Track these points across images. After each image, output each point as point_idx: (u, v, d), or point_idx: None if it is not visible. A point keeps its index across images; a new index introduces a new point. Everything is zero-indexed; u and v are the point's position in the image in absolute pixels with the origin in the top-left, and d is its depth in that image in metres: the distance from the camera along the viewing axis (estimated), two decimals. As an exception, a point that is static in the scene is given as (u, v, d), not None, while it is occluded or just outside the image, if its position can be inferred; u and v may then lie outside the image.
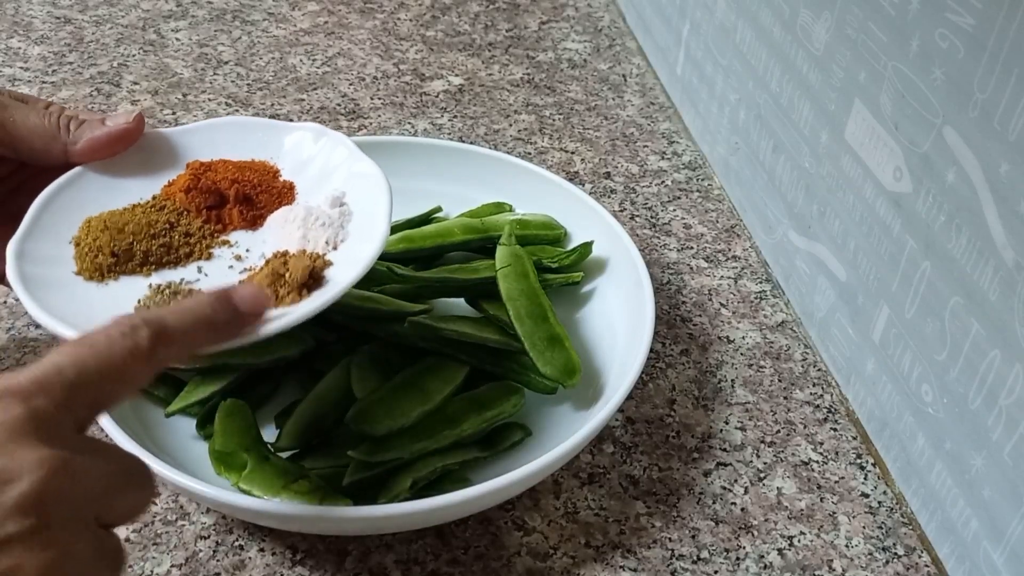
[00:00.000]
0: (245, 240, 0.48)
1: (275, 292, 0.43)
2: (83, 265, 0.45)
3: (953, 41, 0.42)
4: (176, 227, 0.47)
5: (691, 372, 0.57)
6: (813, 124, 0.56)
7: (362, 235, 0.46)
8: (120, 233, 0.45)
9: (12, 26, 0.89)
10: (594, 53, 0.90)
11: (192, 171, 0.49)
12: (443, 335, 0.51)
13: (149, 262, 0.46)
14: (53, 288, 0.43)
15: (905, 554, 0.48)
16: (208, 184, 0.48)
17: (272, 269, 0.44)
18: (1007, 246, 0.39)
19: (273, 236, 0.48)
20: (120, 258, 0.45)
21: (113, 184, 0.48)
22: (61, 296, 0.43)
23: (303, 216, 0.47)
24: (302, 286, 0.43)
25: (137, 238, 0.46)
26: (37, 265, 0.43)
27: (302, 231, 0.46)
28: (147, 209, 0.47)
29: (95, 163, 0.48)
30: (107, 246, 0.45)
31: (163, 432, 0.49)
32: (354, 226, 0.47)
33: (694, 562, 0.47)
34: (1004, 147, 0.39)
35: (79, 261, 0.45)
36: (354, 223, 0.47)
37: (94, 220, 0.46)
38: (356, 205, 0.48)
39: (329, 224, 0.47)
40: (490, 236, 0.58)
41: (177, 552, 0.46)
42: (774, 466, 0.52)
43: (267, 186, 0.49)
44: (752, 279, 0.65)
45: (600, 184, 0.72)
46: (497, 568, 0.46)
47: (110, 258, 0.45)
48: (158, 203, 0.48)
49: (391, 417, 0.48)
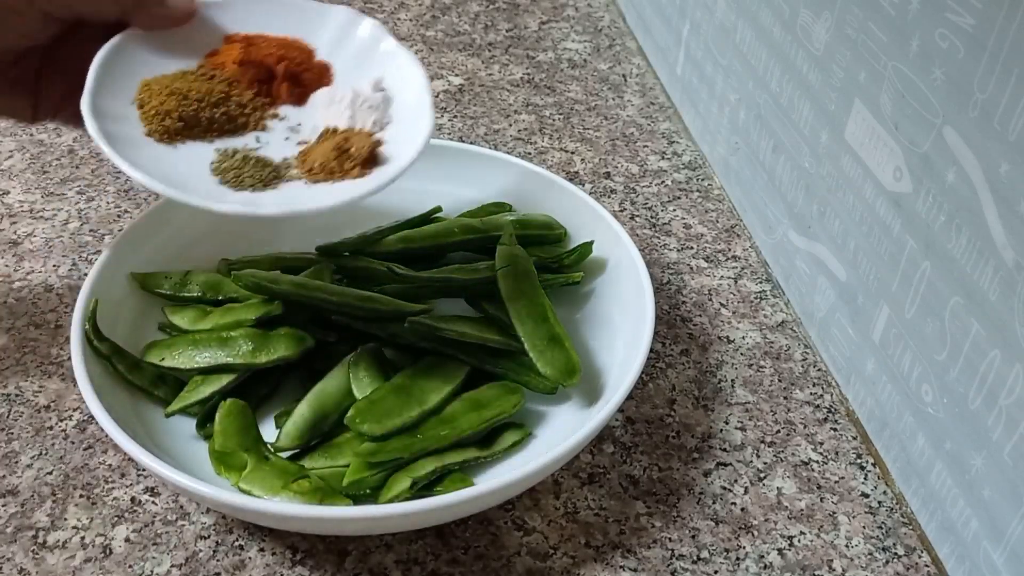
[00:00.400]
0: (293, 115, 0.49)
1: (340, 165, 0.45)
2: (152, 128, 0.46)
3: (953, 41, 0.42)
4: (231, 98, 0.48)
5: (691, 372, 0.57)
6: (813, 124, 0.56)
7: (407, 117, 0.48)
8: (185, 100, 0.47)
9: (12, 26, 0.89)
10: (594, 53, 0.90)
11: (240, 43, 0.50)
12: (443, 335, 0.51)
13: (212, 129, 0.47)
14: (131, 147, 0.44)
15: (905, 554, 0.48)
16: (259, 58, 0.49)
17: (335, 144, 0.46)
18: (1007, 246, 0.39)
19: (320, 114, 0.49)
20: (187, 123, 0.47)
21: (160, 50, 0.49)
22: (141, 155, 0.44)
23: (351, 98, 0.49)
24: (365, 161, 0.45)
25: (201, 105, 0.47)
26: (111, 123, 0.45)
27: (350, 112, 0.48)
28: (199, 77, 0.48)
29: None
30: (175, 111, 0.46)
31: (163, 432, 0.49)
32: (396, 110, 0.49)
33: (694, 562, 0.47)
34: (1004, 147, 0.39)
35: (147, 123, 0.46)
36: (396, 107, 0.49)
37: (153, 84, 0.47)
38: (394, 90, 0.50)
39: (375, 107, 0.48)
40: (490, 236, 0.58)
41: (177, 552, 0.46)
42: (774, 466, 0.52)
43: (308, 65, 0.51)
44: (752, 279, 0.65)
45: (600, 184, 0.72)
46: (497, 568, 0.46)
47: (178, 123, 0.46)
48: (207, 72, 0.49)
49: (391, 417, 0.48)
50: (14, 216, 0.66)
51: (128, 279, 0.55)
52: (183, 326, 0.53)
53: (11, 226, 0.66)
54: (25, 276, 0.62)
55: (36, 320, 0.58)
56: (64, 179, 0.70)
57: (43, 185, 0.69)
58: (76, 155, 0.73)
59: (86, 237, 0.65)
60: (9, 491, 0.48)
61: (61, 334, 0.57)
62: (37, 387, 0.54)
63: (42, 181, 0.70)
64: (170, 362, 0.50)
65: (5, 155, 0.72)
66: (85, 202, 0.68)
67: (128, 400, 0.49)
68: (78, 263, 0.63)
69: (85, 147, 0.73)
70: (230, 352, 0.50)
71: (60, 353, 0.56)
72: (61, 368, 0.55)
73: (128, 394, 0.50)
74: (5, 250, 0.63)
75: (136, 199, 0.69)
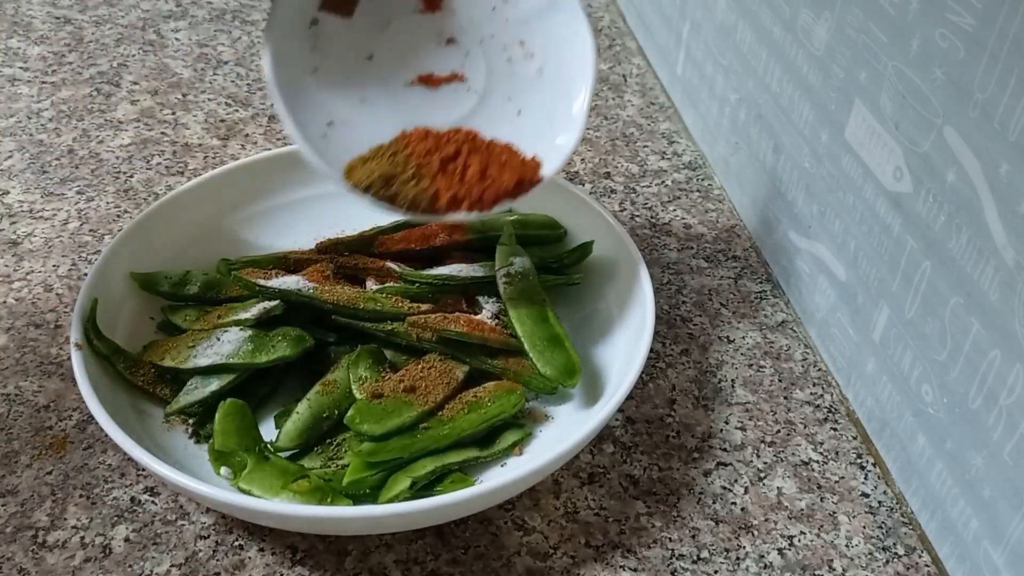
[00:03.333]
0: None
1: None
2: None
3: (953, 41, 0.42)
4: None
5: (691, 372, 0.57)
6: (813, 124, 0.56)
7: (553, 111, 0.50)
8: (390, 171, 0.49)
9: (12, 26, 0.89)
10: (594, 53, 0.90)
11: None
12: (443, 335, 0.51)
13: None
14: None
15: (905, 554, 0.48)
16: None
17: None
18: (1007, 246, 0.39)
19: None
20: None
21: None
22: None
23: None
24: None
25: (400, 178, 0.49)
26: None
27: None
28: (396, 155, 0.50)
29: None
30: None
31: (163, 432, 0.49)
32: (543, 93, 0.51)
33: (694, 562, 0.47)
34: (1004, 147, 0.39)
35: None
36: (545, 85, 0.51)
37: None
38: (551, 62, 0.51)
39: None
40: (490, 236, 0.58)
41: (177, 552, 0.46)
42: (774, 466, 0.52)
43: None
44: (752, 279, 0.65)
45: (600, 184, 0.72)
46: (497, 568, 0.46)
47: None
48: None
49: (391, 417, 0.48)
50: (14, 216, 0.66)
51: (128, 279, 0.55)
52: (183, 326, 0.53)
53: (11, 226, 0.66)
54: (25, 276, 0.61)
55: (36, 320, 0.58)
56: (64, 179, 0.70)
57: (43, 185, 0.69)
58: (76, 155, 0.73)
59: (86, 237, 0.65)
60: (9, 491, 0.48)
61: (61, 334, 0.57)
62: (37, 387, 0.54)
63: (42, 181, 0.70)
64: (170, 362, 0.50)
65: (5, 155, 0.72)
66: (85, 202, 0.68)
67: (128, 400, 0.49)
68: (78, 263, 0.63)
69: (85, 147, 0.74)
70: (230, 352, 0.50)
71: (60, 353, 0.56)
72: (61, 368, 0.55)
73: (128, 394, 0.50)
74: (5, 250, 0.63)
75: (136, 199, 0.69)
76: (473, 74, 0.52)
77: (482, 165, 0.49)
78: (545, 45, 0.51)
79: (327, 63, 0.49)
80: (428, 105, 0.51)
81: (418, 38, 0.51)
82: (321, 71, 0.49)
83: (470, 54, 0.51)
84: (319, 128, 0.48)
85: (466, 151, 0.49)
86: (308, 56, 0.49)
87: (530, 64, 0.51)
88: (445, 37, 0.51)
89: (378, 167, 0.48)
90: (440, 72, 0.51)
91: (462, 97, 0.52)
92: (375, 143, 0.49)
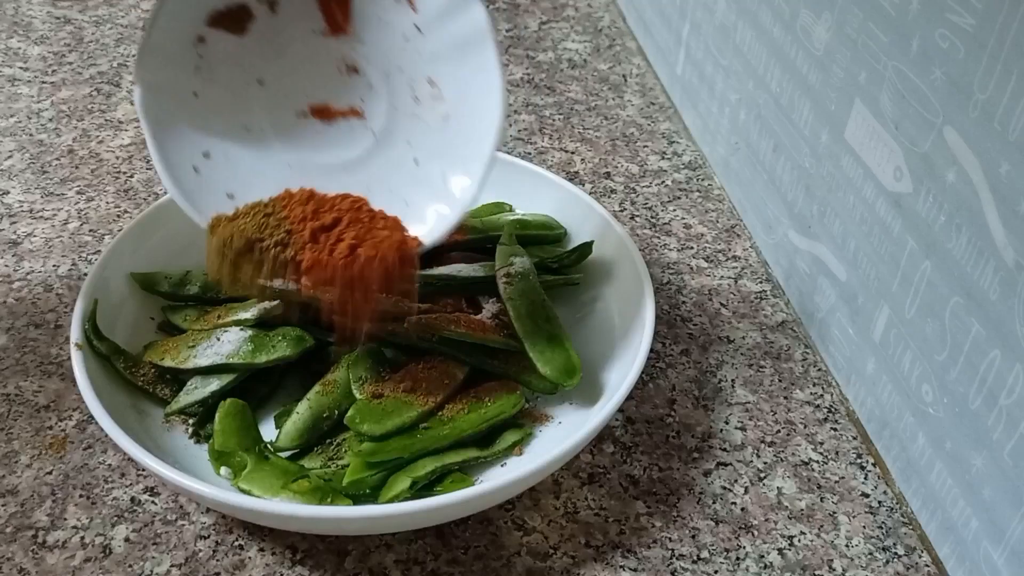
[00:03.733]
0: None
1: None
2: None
3: (953, 41, 0.42)
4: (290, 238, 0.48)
5: (691, 372, 0.57)
6: (813, 124, 0.56)
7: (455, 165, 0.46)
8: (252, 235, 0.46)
9: (12, 26, 0.89)
10: (594, 53, 0.90)
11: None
12: (443, 335, 0.51)
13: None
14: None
15: (905, 554, 0.48)
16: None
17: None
18: (1007, 246, 0.39)
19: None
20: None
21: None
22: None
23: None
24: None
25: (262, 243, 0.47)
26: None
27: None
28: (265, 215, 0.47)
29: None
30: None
31: (163, 432, 0.49)
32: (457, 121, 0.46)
33: (694, 562, 0.47)
34: (1004, 147, 0.39)
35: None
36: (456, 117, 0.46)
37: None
38: (459, 111, 0.46)
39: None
40: (490, 236, 0.58)
41: (177, 552, 0.46)
42: (774, 466, 0.52)
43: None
44: (752, 279, 0.65)
45: (600, 184, 0.72)
46: (497, 568, 0.46)
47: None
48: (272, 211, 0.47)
49: (391, 417, 0.48)
50: (14, 216, 0.66)
51: (128, 279, 0.55)
52: (183, 326, 0.53)
53: (11, 226, 0.66)
54: (25, 276, 0.61)
55: (36, 320, 0.58)
56: (64, 179, 0.70)
57: (43, 185, 0.69)
58: (76, 155, 0.73)
59: (86, 237, 0.65)
60: (9, 491, 0.48)
61: (61, 334, 0.57)
62: (37, 387, 0.54)
63: (42, 181, 0.70)
64: (170, 362, 0.50)
65: (5, 155, 0.72)
66: (85, 202, 0.68)
67: (128, 400, 0.49)
68: (78, 263, 0.63)
69: (85, 147, 0.73)
70: (230, 352, 0.50)
71: (60, 353, 0.56)
72: (61, 368, 0.55)
73: (128, 394, 0.50)
74: (5, 250, 0.63)
75: (136, 199, 0.69)
76: (373, 110, 0.47)
77: (356, 240, 0.45)
78: (456, 90, 0.46)
79: (210, 88, 0.45)
80: (319, 141, 0.47)
81: (317, 64, 0.47)
82: (202, 96, 0.45)
83: (373, 87, 0.47)
84: (192, 158, 0.45)
85: (346, 221, 0.46)
86: (189, 78, 0.45)
87: (437, 107, 0.46)
88: (348, 65, 0.46)
89: (246, 227, 0.45)
90: (337, 105, 0.47)
91: (358, 135, 0.48)
92: (255, 182, 0.46)
